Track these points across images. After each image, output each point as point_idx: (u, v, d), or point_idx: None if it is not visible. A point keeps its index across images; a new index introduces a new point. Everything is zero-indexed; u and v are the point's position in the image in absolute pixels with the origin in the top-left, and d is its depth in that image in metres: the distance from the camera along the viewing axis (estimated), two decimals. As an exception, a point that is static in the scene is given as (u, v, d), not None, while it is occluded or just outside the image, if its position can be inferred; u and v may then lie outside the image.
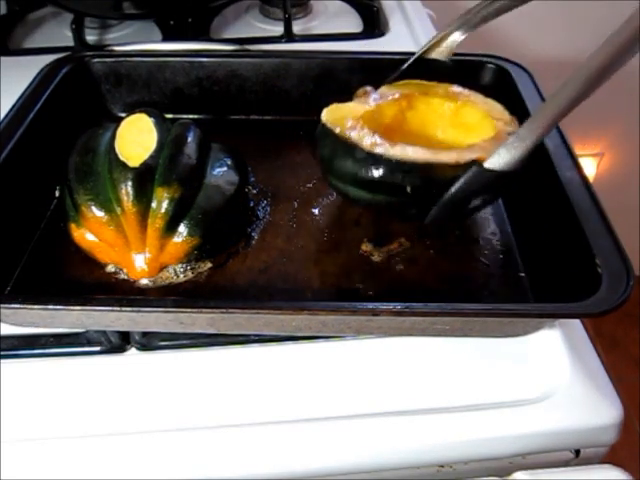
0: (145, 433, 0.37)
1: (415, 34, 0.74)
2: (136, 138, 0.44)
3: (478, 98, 0.47)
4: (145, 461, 0.36)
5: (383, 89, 0.48)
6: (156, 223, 0.42)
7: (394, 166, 0.41)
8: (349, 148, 0.42)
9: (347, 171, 0.42)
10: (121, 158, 0.42)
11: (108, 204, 0.42)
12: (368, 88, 0.47)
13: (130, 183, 0.41)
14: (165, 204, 0.41)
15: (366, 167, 0.41)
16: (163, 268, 0.43)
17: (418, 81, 0.49)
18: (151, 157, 0.43)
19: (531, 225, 0.46)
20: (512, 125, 0.44)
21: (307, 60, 0.57)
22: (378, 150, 0.41)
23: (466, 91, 0.48)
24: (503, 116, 0.46)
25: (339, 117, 0.44)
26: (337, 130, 0.43)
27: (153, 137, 0.44)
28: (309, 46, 0.70)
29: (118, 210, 0.41)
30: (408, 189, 0.40)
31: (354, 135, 0.42)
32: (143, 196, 0.41)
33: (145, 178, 0.42)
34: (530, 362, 0.41)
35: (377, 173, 0.41)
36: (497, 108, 0.47)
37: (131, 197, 0.41)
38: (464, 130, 0.47)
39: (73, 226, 0.43)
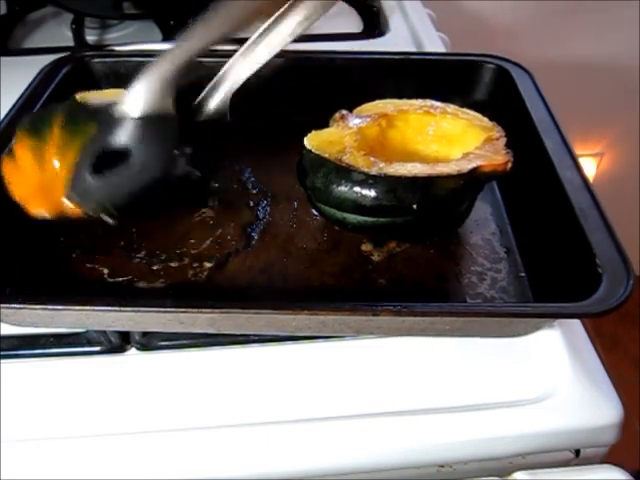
0: (145, 433, 0.37)
1: (415, 34, 0.74)
2: (98, 95, 0.45)
3: (455, 109, 0.47)
4: (145, 461, 0.36)
5: (358, 110, 0.48)
6: (65, 166, 0.41)
7: (396, 184, 0.40)
8: (345, 172, 0.41)
9: (346, 196, 0.41)
10: (77, 98, 0.43)
11: (42, 131, 0.41)
12: (344, 111, 0.47)
13: (67, 111, 0.41)
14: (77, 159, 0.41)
15: (367, 189, 0.40)
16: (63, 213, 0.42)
17: (389, 100, 0.49)
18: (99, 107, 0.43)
19: (531, 225, 0.46)
20: (495, 130, 0.44)
21: (307, 60, 0.57)
22: (376, 170, 0.40)
23: (441, 103, 0.48)
24: (484, 123, 0.46)
25: (324, 143, 0.43)
26: (327, 155, 0.42)
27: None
28: (309, 46, 0.70)
29: (48, 138, 0.41)
30: (414, 206, 0.40)
31: (347, 158, 0.41)
32: (74, 127, 0.41)
33: (79, 115, 0.42)
34: (530, 362, 0.41)
35: (380, 193, 0.40)
36: (476, 116, 0.47)
37: (62, 124, 0.41)
38: (446, 142, 0.47)
39: (6, 158, 0.42)
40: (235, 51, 0.57)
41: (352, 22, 0.77)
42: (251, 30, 0.45)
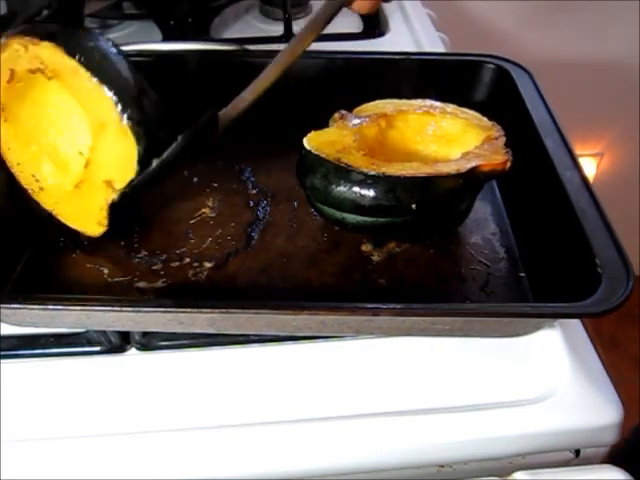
0: (145, 433, 0.37)
1: (415, 34, 0.74)
2: None
3: (454, 109, 0.47)
4: (145, 461, 0.36)
5: (358, 111, 0.48)
6: None
7: (395, 184, 0.40)
8: (344, 172, 0.41)
9: (345, 197, 0.41)
10: None
11: None
12: (343, 112, 0.47)
13: None
14: None
15: (366, 189, 0.40)
16: None
17: (389, 100, 0.49)
18: None
19: (531, 225, 0.46)
20: (495, 130, 0.44)
21: (307, 60, 0.57)
22: (375, 170, 0.40)
23: (440, 103, 0.48)
24: (483, 122, 0.46)
25: (323, 143, 0.43)
26: (326, 156, 0.42)
27: None
28: (309, 46, 0.70)
29: None
30: (413, 206, 0.40)
31: (346, 158, 0.41)
32: None
33: None
34: (530, 362, 0.41)
35: (379, 193, 0.40)
36: (475, 116, 0.47)
37: None
38: (446, 142, 0.47)
39: None
40: (235, 51, 0.57)
41: (352, 22, 0.77)
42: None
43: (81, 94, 0.41)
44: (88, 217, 0.45)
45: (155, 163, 0.41)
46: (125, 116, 0.40)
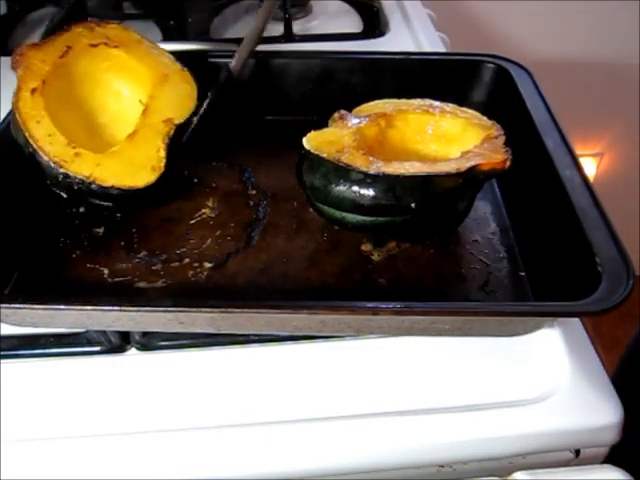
0: (145, 433, 0.37)
1: (415, 34, 0.74)
2: None
3: (453, 108, 0.47)
4: (145, 461, 0.36)
5: (357, 110, 0.48)
6: None
7: (395, 183, 0.40)
8: (343, 172, 0.41)
9: (345, 196, 0.41)
10: None
11: None
12: (343, 112, 0.47)
13: None
14: None
15: (366, 188, 0.40)
16: None
17: (388, 100, 0.49)
18: None
19: (531, 224, 0.46)
20: (494, 129, 0.44)
21: (307, 60, 0.57)
22: (375, 169, 0.41)
23: (439, 103, 0.48)
24: (482, 122, 0.46)
25: (322, 143, 0.43)
26: (325, 155, 0.42)
27: None
28: (309, 46, 0.70)
29: None
30: (413, 205, 0.40)
31: (345, 158, 0.41)
32: None
33: None
34: (530, 362, 0.40)
35: (378, 193, 0.40)
36: (475, 115, 0.47)
37: None
38: (445, 142, 0.47)
39: None
40: (235, 51, 0.57)
41: (352, 22, 0.77)
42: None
43: (143, 57, 0.52)
44: (140, 166, 0.46)
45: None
46: (185, 67, 0.52)
